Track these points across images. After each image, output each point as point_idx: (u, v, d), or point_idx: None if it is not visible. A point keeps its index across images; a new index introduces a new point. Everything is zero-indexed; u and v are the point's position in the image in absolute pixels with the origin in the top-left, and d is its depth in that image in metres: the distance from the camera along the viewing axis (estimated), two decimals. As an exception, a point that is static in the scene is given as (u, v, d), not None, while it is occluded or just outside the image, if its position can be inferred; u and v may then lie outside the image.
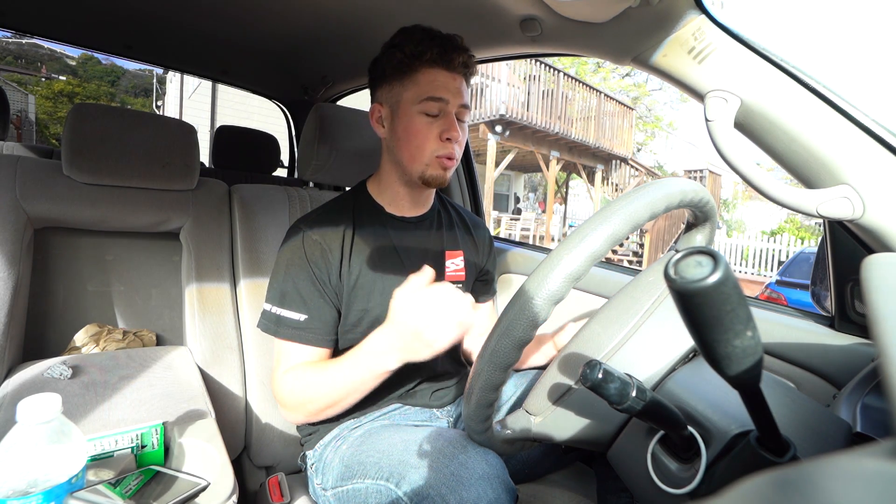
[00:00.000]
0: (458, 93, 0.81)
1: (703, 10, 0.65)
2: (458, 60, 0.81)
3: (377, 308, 0.84)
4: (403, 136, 0.82)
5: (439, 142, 0.81)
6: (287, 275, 0.81)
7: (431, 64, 0.80)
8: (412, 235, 0.91)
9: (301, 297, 0.80)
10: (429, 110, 0.80)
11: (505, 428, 0.58)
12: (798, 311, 0.83)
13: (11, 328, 0.83)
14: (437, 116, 0.81)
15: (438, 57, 0.79)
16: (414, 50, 0.79)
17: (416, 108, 0.80)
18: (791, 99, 0.61)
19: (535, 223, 12.38)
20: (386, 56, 0.83)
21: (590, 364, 0.42)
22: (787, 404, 0.47)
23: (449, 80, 0.81)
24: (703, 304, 0.29)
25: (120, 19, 1.29)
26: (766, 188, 0.62)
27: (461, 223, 1.01)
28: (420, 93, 0.80)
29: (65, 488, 0.46)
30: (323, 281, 0.81)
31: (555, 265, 0.43)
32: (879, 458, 0.18)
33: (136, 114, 1.08)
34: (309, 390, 0.75)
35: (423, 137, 0.81)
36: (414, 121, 0.81)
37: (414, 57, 0.79)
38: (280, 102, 2.05)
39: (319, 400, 0.74)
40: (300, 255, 0.82)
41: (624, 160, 11.12)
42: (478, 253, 1.01)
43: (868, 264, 0.40)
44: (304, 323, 0.80)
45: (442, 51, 0.79)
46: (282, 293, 0.81)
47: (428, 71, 0.80)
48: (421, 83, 0.80)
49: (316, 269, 0.81)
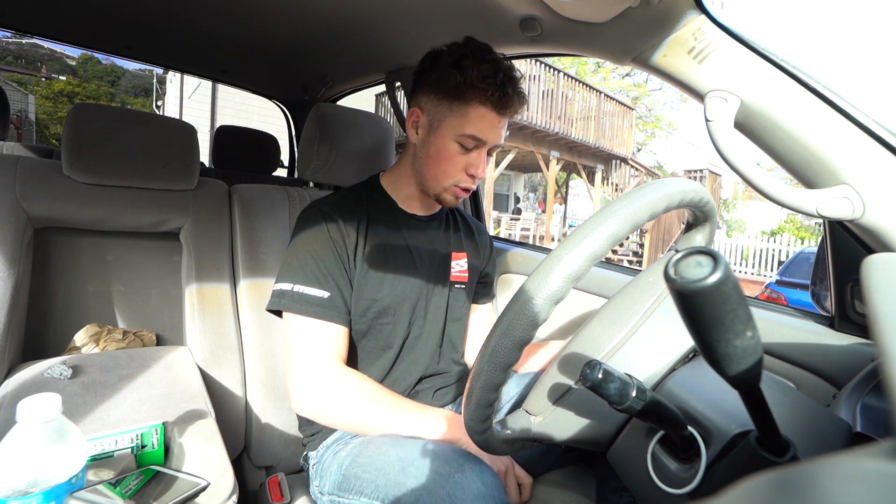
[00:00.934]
0: (500, 135, 0.82)
1: (703, 10, 0.65)
2: (513, 106, 0.80)
3: (386, 299, 0.85)
4: (434, 156, 0.82)
5: (464, 174, 0.82)
6: (308, 252, 0.81)
7: (486, 102, 0.78)
8: (422, 233, 0.92)
9: (325, 273, 0.80)
10: (465, 144, 0.80)
11: (505, 428, 0.58)
12: (798, 311, 0.83)
13: (11, 328, 0.83)
14: (471, 150, 0.81)
15: (497, 98, 0.77)
16: (476, 82, 0.77)
17: (456, 137, 0.80)
18: (791, 99, 0.61)
19: (535, 223, 12.38)
20: (444, 70, 0.79)
21: (590, 364, 0.42)
22: (787, 404, 0.47)
23: (496, 122, 0.80)
24: (703, 304, 0.29)
25: (120, 19, 1.29)
26: (766, 188, 0.62)
27: (465, 227, 1.03)
28: (465, 126, 0.79)
29: (65, 488, 0.46)
30: (343, 260, 0.82)
31: (555, 265, 0.43)
32: (879, 458, 0.18)
33: (136, 114, 1.08)
34: (361, 407, 0.76)
35: (449, 165, 0.81)
36: (448, 148, 0.81)
37: (472, 88, 0.77)
38: (280, 102, 2.05)
39: (359, 419, 0.76)
40: (323, 232, 0.82)
41: (624, 160, 11.11)
42: (479, 257, 1.03)
43: (868, 264, 0.40)
44: (328, 300, 0.79)
45: (503, 95, 0.77)
46: (304, 270, 0.80)
47: (480, 108, 0.78)
48: (469, 117, 0.78)
49: (338, 247, 0.82)
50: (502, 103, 0.78)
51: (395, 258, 0.87)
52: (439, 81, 0.81)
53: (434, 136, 0.82)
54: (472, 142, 0.80)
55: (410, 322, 0.89)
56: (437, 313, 0.93)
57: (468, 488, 0.59)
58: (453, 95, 0.79)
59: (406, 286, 0.87)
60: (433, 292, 0.92)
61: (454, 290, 0.95)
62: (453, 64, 0.79)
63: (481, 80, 0.76)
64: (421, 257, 0.90)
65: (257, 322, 1.00)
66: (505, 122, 0.82)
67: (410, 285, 0.88)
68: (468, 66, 0.77)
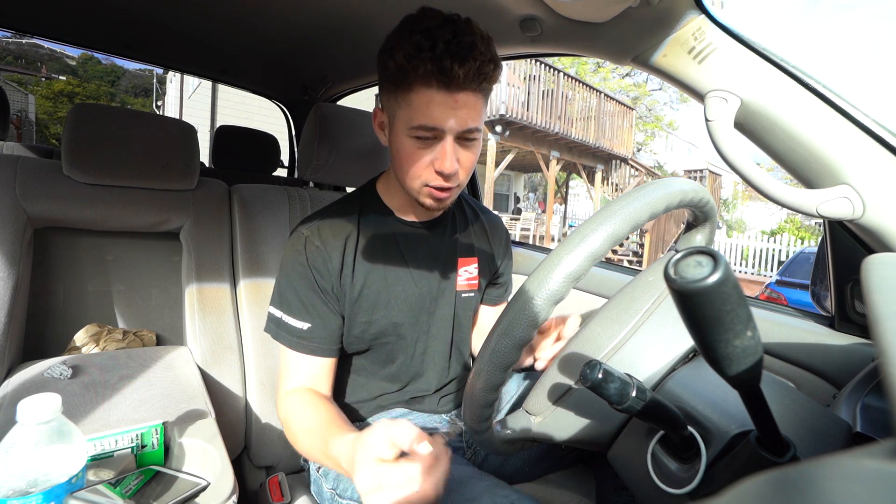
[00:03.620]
0: (459, 117, 0.65)
1: (703, 10, 0.65)
2: (459, 76, 0.62)
3: (382, 321, 0.80)
4: (396, 156, 0.73)
5: (432, 171, 0.69)
6: (288, 281, 0.77)
7: (428, 81, 0.63)
8: (422, 243, 0.83)
9: (303, 304, 0.76)
10: (420, 136, 0.67)
11: (505, 428, 0.58)
12: (798, 311, 0.83)
13: (11, 328, 0.83)
14: (431, 142, 0.68)
15: (434, 74, 0.63)
16: (406, 62, 0.63)
17: (408, 132, 0.68)
18: (791, 99, 0.61)
19: (535, 223, 12.38)
20: (381, 60, 0.69)
21: (590, 364, 0.42)
22: (787, 404, 0.47)
23: (448, 102, 0.64)
24: (703, 304, 0.29)
25: (120, 19, 1.29)
26: (766, 188, 0.62)
27: (476, 221, 0.93)
28: (413, 117, 0.66)
29: (65, 488, 0.46)
30: (324, 289, 0.76)
31: (555, 265, 0.43)
32: (879, 458, 0.18)
33: (136, 114, 1.08)
34: (296, 430, 0.72)
35: (411, 164, 0.70)
36: (405, 145, 0.69)
37: (405, 71, 0.64)
38: (280, 102, 2.05)
39: (300, 445, 0.72)
40: (301, 260, 0.76)
41: (624, 160, 11.11)
42: (493, 254, 0.94)
43: (868, 264, 0.40)
44: (307, 332, 0.76)
45: (437, 67, 0.62)
46: (284, 299, 0.77)
47: (423, 91, 0.64)
48: (414, 105, 0.65)
49: (318, 276, 0.76)
50: (445, 79, 0.62)
51: (389, 275, 0.80)
52: (382, 75, 0.70)
53: (391, 134, 0.72)
54: (425, 132, 0.66)
55: (413, 340, 0.84)
56: (444, 328, 0.87)
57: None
58: (395, 85, 0.67)
59: (404, 305, 0.81)
60: (437, 305, 0.85)
61: (461, 300, 0.88)
62: (384, 50, 0.67)
63: (412, 58, 0.62)
64: (420, 271, 0.82)
65: (257, 322, 1.00)
66: (466, 99, 0.65)
67: (409, 304, 0.82)
68: (396, 46, 0.64)
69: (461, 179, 0.73)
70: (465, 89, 0.64)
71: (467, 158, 0.71)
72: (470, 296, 0.90)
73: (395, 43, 0.65)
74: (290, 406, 0.75)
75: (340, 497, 0.75)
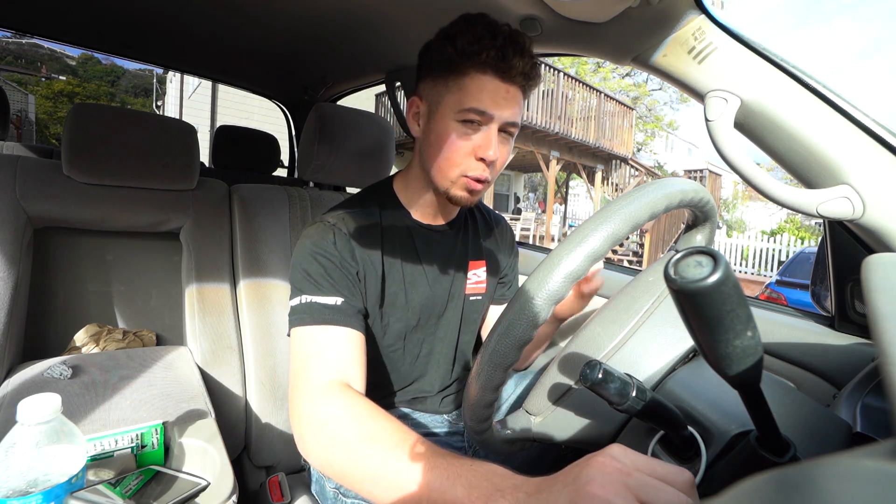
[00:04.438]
0: (509, 107, 0.69)
1: (703, 10, 0.65)
2: (517, 68, 0.67)
3: (398, 324, 0.80)
4: (435, 143, 0.72)
5: (472, 160, 0.70)
6: (314, 263, 0.72)
7: (484, 68, 0.67)
8: (437, 245, 0.84)
9: (333, 282, 0.71)
10: (469, 119, 0.69)
11: (505, 428, 0.58)
12: (798, 311, 0.83)
13: (11, 328, 0.83)
14: (477, 128, 0.70)
15: (495, 61, 0.66)
16: (468, 47, 0.66)
17: (456, 115, 0.69)
18: (791, 99, 0.61)
19: (535, 223, 12.38)
20: (437, 46, 0.71)
21: (590, 364, 0.42)
22: (787, 404, 0.47)
23: (501, 90, 0.68)
24: (703, 304, 0.29)
25: (120, 19, 1.29)
26: (766, 188, 0.62)
27: (483, 223, 0.94)
28: (463, 100, 0.68)
29: (65, 488, 0.46)
30: (352, 274, 0.74)
31: (555, 265, 0.43)
32: (879, 458, 0.18)
33: (136, 114, 1.08)
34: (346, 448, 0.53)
35: (454, 151, 0.70)
36: (449, 129, 0.70)
37: (466, 56, 0.67)
38: (280, 102, 2.05)
39: (345, 461, 0.53)
40: (329, 244, 0.73)
41: (624, 160, 11.11)
42: (500, 254, 0.95)
43: (868, 264, 0.40)
44: (340, 306, 0.69)
45: (500, 55, 0.66)
46: (311, 281, 0.71)
47: (478, 77, 0.67)
48: (467, 89, 0.68)
49: (346, 260, 0.73)
50: (503, 67, 0.67)
51: (407, 277, 0.80)
52: (433, 62, 0.72)
53: (433, 121, 0.72)
54: (475, 116, 0.68)
55: (419, 341, 0.85)
56: (450, 330, 0.87)
57: None
58: (448, 70, 0.69)
59: (417, 308, 0.81)
60: (447, 308, 0.86)
61: (469, 303, 0.89)
62: (444, 35, 0.70)
63: (474, 44, 0.66)
64: (436, 275, 0.83)
65: (257, 322, 1.00)
66: (514, 93, 0.69)
67: (422, 306, 0.82)
68: (459, 33, 0.68)
69: (494, 175, 0.74)
70: (515, 83, 0.69)
71: (503, 153, 0.73)
72: (477, 299, 0.90)
73: (456, 31, 0.69)
74: (342, 403, 0.58)
75: (345, 496, 0.75)
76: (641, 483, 0.33)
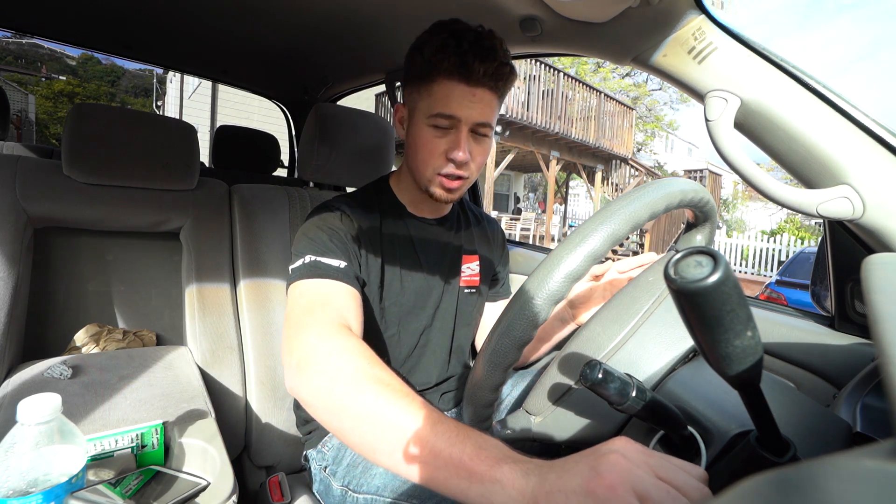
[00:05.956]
0: (476, 109, 0.73)
1: (703, 10, 0.65)
2: (479, 72, 0.71)
3: (394, 307, 0.83)
4: (412, 146, 0.79)
5: (443, 160, 0.76)
6: (322, 227, 0.76)
7: (449, 75, 0.72)
8: (432, 238, 0.88)
9: (340, 246, 0.74)
10: (438, 124, 0.74)
11: (505, 428, 0.58)
12: (798, 311, 0.83)
13: (11, 328, 0.83)
14: (447, 131, 0.75)
15: (457, 68, 0.71)
16: (432, 56, 0.72)
17: (427, 120, 0.75)
18: (791, 99, 0.61)
19: (535, 223, 12.39)
20: (410, 56, 0.77)
21: (590, 364, 0.42)
22: (787, 404, 0.47)
23: (466, 95, 0.72)
24: (703, 304, 0.29)
25: (120, 19, 1.29)
26: (766, 188, 0.62)
27: (477, 225, 0.99)
28: (433, 106, 0.74)
29: (65, 488, 0.46)
30: (355, 249, 0.77)
31: (555, 265, 0.43)
32: (879, 458, 0.18)
33: (136, 114, 1.08)
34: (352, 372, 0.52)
35: (427, 152, 0.76)
36: (423, 133, 0.76)
37: (432, 65, 0.72)
38: (280, 102, 2.05)
39: (345, 394, 0.51)
40: (336, 218, 0.78)
41: (624, 160, 11.11)
42: (492, 251, 0.99)
43: (868, 264, 0.40)
44: (344, 269, 0.71)
45: (460, 62, 0.70)
46: (318, 244, 0.73)
47: (445, 83, 0.72)
48: (435, 95, 0.73)
49: (350, 236, 0.77)
50: (465, 70, 0.70)
51: (404, 266, 0.84)
52: (409, 71, 0.78)
53: (411, 125, 0.79)
54: (442, 121, 0.73)
55: (417, 331, 0.87)
56: (446, 320, 0.90)
57: None
58: (420, 78, 0.75)
59: (412, 295, 0.85)
60: (442, 299, 0.89)
61: (463, 295, 0.92)
62: (415, 47, 0.76)
63: (437, 53, 0.71)
64: (430, 263, 0.87)
65: (257, 322, 1.00)
66: (482, 95, 0.73)
67: (417, 295, 0.85)
68: (425, 43, 0.73)
69: (471, 172, 0.78)
70: (482, 85, 0.73)
71: (479, 153, 0.78)
72: (472, 292, 0.94)
73: (424, 41, 0.74)
74: (353, 342, 0.57)
75: (355, 492, 0.73)
76: (660, 464, 0.36)
